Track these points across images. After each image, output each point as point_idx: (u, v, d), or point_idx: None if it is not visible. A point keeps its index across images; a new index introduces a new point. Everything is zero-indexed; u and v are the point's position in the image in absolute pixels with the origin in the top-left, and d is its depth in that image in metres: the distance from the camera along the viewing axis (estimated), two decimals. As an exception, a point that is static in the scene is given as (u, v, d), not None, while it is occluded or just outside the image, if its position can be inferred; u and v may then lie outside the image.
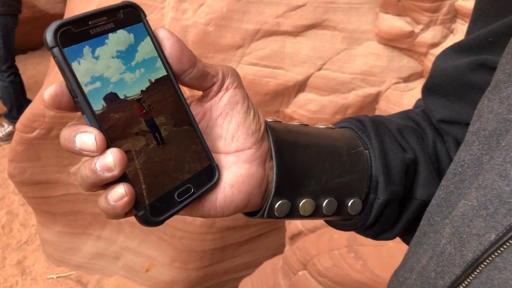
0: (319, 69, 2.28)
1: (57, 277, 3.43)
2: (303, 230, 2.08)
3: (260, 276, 2.07)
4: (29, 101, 4.23)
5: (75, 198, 3.25)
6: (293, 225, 2.17)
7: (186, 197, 0.41)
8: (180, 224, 2.87)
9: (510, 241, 0.33)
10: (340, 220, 0.55)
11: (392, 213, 0.54)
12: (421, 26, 2.14)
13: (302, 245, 1.81)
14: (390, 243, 1.59)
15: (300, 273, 1.80)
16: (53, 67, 3.00)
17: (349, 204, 0.51)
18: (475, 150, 0.43)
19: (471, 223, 0.38)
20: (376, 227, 0.55)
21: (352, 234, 1.70)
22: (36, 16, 5.84)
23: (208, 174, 0.42)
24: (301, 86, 2.32)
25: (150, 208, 0.39)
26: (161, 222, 0.40)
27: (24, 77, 4.61)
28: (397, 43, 2.18)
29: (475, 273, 0.35)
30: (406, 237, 0.59)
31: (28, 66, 5.72)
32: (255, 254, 3.12)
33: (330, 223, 0.60)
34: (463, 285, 0.36)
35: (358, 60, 2.23)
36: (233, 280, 3.14)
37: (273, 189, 0.45)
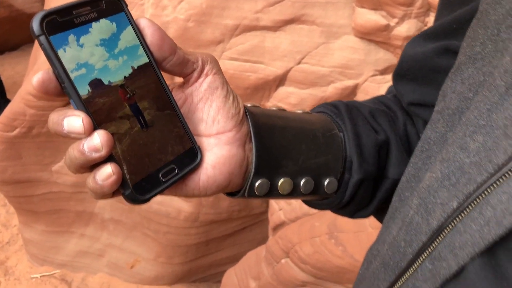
0: (299, 63, 2.32)
1: (40, 276, 3.42)
2: (285, 220, 2.12)
3: (244, 267, 2.10)
4: (8, 101, 4.18)
5: (58, 197, 3.24)
6: (276, 217, 2.21)
7: (170, 177, 0.43)
8: (164, 219, 2.88)
9: (469, 208, 0.37)
10: (318, 199, 0.58)
11: (366, 191, 0.57)
12: (396, 20, 2.20)
13: (284, 234, 1.85)
14: (369, 228, 1.64)
15: (282, 261, 1.84)
16: (32, 67, 2.99)
17: (325, 183, 0.53)
18: (440, 127, 0.46)
19: (436, 193, 0.41)
20: (351, 206, 0.58)
21: (332, 221, 1.75)
22: (13, 16, 5.76)
23: (190, 155, 0.44)
24: (281, 80, 2.36)
25: (136, 187, 0.41)
26: (147, 200, 0.42)
27: (2, 78, 4.55)
28: (373, 36, 2.23)
29: (439, 238, 0.39)
30: (381, 216, 0.62)
31: (6, 67, 5.64)
32: (239, 247, 3.15)
33: (307, 203, 0.63)
34: (429, 250, 0.40)
35: (336, 53, 2.28)
36: (218, 274, 3.17)
37: (253, 169, 0.48)
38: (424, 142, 0.48)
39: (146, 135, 0.42)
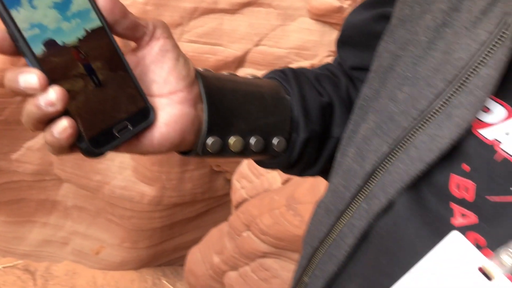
0: (257, 45, 2.38)
1: (3, 267, 3.37)
2: (247, 198, 2.18)
3: (208, 244, 2.15)
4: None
5: (18, 186, 3.19)
6: (238, 195, 2.26)
7: (125, 133, 0.45)
8: (128, 204, 2.90)
9: (398, 151, 0.43)
10: (268, 158, 0.63)
11: (313, 150, 0.61)
12: (349, 2, 2.28)
13: (246, 209, 1.91)
14: (325, 199, 1.71)
15: (244, 234, 1.90)
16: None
17: (275, 142, 0.56)
18: (375, 84, 0.50)
19: (369, 141, 0.47)
20: (300, 165, 0.61)
21: (291, 194, 1.82)
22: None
23: (144, 114, 0.47)
24: (240, 62, 2.41)
25: (92, 141, 0.43)
26: (103, 153, 0.45)
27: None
28: (327, 18, 2.31)
29: (373, 181, 0.45)
30: (328, 175, 0.67)
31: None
32: (203, 230, 3.19)
33: (259, 163, 0.67)
34: (366, 193, 0.46)
35: (292, 35, 2.35)
36: (184, 257, 3.19)
37: (205, 128, 0.50)
38: (361, 99, 0.53)
39: (100, 93, 0.44)
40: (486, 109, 0.40)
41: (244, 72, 2.41)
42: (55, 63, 0.41)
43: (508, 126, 0.38)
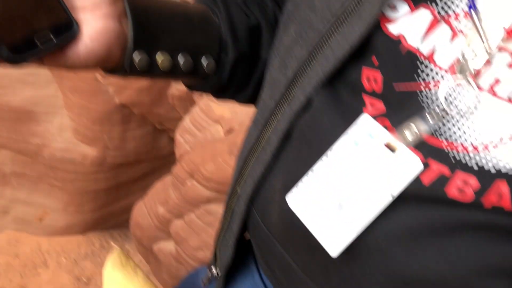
0: None
1: None
2: (189, 150, 2.20)
3: (152, 197, 2.17)
4: None
5: (-50, 155, 3.06)
6: (182, 149, 2.28)
7: (47, 43, 0.46)
8: (70, 166, 2.84)
9: (316, 54, 0.46)
10: (199, 81, 0.65)
11: (243, 71, 0.63)
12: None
13: (188, 158, 1.93)
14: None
15: (188, 183, 1.92)
16: None
17: (204, 63, 0.59)
18: (297, 0, 0.52)
19: (291, 50, 0.50)
20: (231, 87, 0.64)
21: (233, 141, 1.85)
22: None
23: (67, 26, 0.47)
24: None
25: (13, 48, 0.43)
26: (25, 60, 0.45)
27: None
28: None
29: (295, 86, 0.48)
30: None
31: None
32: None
33: (191, 88, 0.69)
34: (289, 99, 0.49)
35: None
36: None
37: (131, 42, 0.52)
38: (284, 15, 0.56)
39: (18, 2, 0.43)
40: (393, 7, 0.43)
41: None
42: None
43: (411, 20, 0.43)
